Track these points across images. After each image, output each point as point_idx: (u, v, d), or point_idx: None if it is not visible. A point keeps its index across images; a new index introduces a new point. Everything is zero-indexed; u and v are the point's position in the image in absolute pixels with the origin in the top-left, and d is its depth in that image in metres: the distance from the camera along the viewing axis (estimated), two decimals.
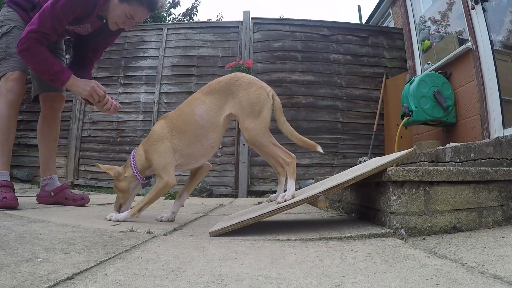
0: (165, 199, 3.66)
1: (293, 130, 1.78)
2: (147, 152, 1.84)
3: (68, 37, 2.41)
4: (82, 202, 2.45)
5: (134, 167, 1.87)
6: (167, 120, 1.86)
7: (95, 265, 0.93)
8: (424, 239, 1.32)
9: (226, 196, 5.11)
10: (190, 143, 1.82)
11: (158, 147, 1.81)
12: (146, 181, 1.93)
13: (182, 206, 1.99)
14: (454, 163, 2.53)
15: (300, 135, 1.79)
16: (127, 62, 5.96)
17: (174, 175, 1.81)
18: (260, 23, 5.79)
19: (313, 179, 4.40)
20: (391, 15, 6.58)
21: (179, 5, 11.76)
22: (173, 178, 1.79)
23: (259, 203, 2.86)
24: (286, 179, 1.70)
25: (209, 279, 0.86)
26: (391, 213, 1.38)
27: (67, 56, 2.62)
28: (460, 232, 1.40)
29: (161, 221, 1.88)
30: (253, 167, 5.28)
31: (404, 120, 4.00)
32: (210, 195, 4.92)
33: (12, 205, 1.93)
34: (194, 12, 11.45)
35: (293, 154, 1.73)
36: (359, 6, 9.70)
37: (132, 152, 1.93)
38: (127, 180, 1.89)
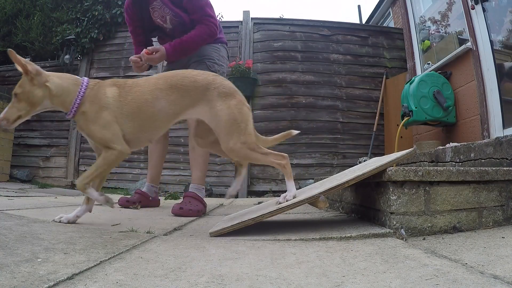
0: (165, 199, 3.65)
1: (265, 138, 1.75)
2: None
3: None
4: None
5: (80, 98, 1.53)
6: (119, 88, 1.62)
7: (95, 265, 0.93)
8: (424, 239, 1.32)
9: None
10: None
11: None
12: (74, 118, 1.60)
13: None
14: (454, 163, 2.52)
15: (270, 138, 1.76)
16: (127, 62, 5.94)
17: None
18: (260, 23, 5.78)
19: (313, 179, 4.40)
20: (391, 15, 6.58)
21: None
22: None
23: (259, 203, 2.85)
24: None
25: (209, 279, 0.86)
26: (391, 213, 1.38)
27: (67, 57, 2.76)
28: (460, 232, 1.40)
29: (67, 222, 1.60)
30: (253, 167, 5.27)
31: (404, 120, 4.00)
32: (210, 195, 4.92)
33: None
34: None
35: (285, 154, 1.66)
36: (359, 6, 9.71)
37: (85, 81, 1.58)
38: (47, 93, 1.50)
